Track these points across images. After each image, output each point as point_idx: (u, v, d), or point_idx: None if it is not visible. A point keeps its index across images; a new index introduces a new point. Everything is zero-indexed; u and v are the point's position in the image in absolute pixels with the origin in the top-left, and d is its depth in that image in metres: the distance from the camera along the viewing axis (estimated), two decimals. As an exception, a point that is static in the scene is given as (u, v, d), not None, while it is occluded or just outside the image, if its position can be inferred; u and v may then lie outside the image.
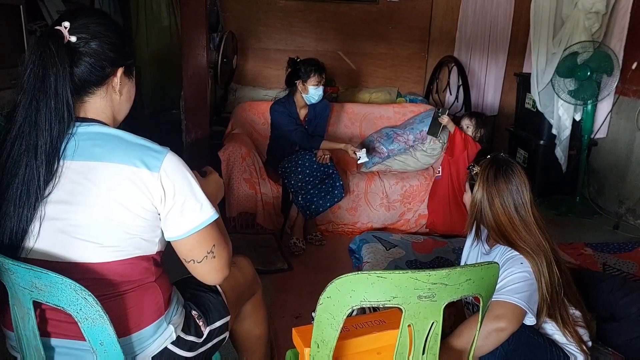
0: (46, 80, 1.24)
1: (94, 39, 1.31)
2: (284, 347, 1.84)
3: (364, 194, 3.94)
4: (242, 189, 3.80)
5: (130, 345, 1.34)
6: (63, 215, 1.27)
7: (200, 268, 1.40)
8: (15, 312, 1.29)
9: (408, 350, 1.30)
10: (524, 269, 1.85)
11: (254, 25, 5.40)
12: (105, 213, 1.27)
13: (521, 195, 1.93)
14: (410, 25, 5.57)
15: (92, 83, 1.34)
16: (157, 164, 1.30)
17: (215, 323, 1.58)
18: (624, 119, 4.36)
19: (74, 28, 1.30)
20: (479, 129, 3.78)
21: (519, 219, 1.93)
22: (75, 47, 1.30)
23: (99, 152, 1.29)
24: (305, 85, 3.65)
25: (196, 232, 1.35)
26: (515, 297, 1.78)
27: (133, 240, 1.32)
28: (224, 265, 1.44)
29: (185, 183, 1.34)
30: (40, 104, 1.25)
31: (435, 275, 1.22)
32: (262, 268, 3.26)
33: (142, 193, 1.28)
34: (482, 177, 1.96)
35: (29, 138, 1.26)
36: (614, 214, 4.41)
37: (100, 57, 1.33)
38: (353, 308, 1.23)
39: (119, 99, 1.42)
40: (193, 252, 1.37)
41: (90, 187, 1.27)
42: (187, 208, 1.33)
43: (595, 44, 4.14)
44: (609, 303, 2.51)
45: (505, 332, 1.75)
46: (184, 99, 3.96)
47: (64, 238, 1.28)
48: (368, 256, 3.28)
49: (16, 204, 1.26)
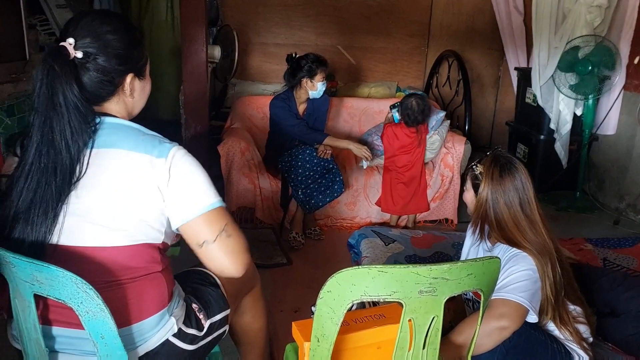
0: (55, 99, 1.27)
1: (100, 53, 1.33)
2: (283, 341, 1.84)
3: (363, 189, 3.94)
4: (241, 183, 3.80)
5: (131, 336, 1.34)
6: (74, 200, 1.30)
7: (215, 251, 1.36)
8: (17, 305, 1.30)
9: (408, 344, 1.30)
10: (528, 267, 1.84)
11: (253, 19, 5.38)
12: (112, 196, 1.30)
13: (526, 192, 1.91)
14: (410, 20, 5.55)
15: (103, 96, 1.39)
16: (166, 151, 1.34)
17: (216, 316, 1.57)
18: (625, 114, 4.36)
19: (80, 43, 1.31)
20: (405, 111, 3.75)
21: (525, 218, 1.91)
22: (82, 63, 1.32)
23: (110, 140, 1.34)
24: (313, 82, 3.64)
25: (205, 213, 1.35)
26: (519, 295, 1.77)
27: (140, 225, 1.33)
28: (241, 248, 1.40)
29: (192, 169, 1.36)
30: (53, 122, 1.28)
31: (436, 269, 1.21)
32: (261, 262, 3.26)
33: (149, 177, 1.31)
34: (487, 176, 1.93)
35: (47, 157, 1.28)
36: (614, 209, 4.41)
37: (108, 71, 1.35)
38: (353, 302, 1.23)
39: (132, 100, 1.46)
40: (204, 231, 1.35)
41: (98, 172, 1.31)
42: (194, 190, 1.35)
43: (597, 38, 4.13)
44: (609, 298, 2.50)
45: (508, 330, 1.75)
46: (184, 94, 3.95)
47: (75, 221, 1.30)
48: (367, 251, 3.28)
49: (34, 221, 1.28)
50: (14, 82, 2.97)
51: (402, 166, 3.82)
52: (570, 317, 1.97)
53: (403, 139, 3.79)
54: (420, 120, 3.74)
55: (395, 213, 3.91)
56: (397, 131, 3.81)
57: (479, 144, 5.65)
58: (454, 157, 3.98)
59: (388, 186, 3.85)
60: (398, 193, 3.83)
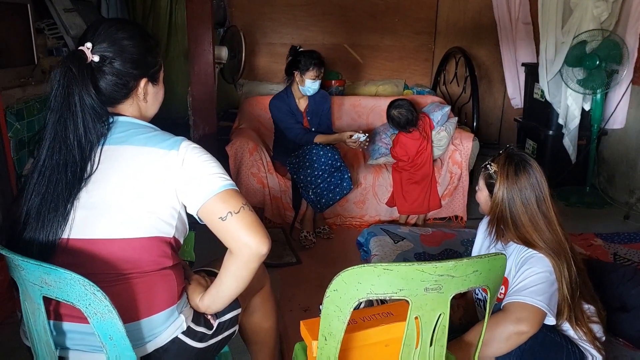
0: (71, 99, 1.32)
1: (116, 57, 1.39)
2: (293, 340, 1.85)
3: (372, 187, 3.94)
4: (250, 183, 3.81)
5: (140, 331, 1.36)
6: (84, 195, 1.34)
7: (240, 220, 1.34)
8: (26, 307, 1.31)
9: (415, 342, 1.30)
10: (545, 269, 1.83)
11: (260, 19, 5.40)
12: (122, 189, 1.34)
13: (542, 189, 1.89)
14: (417, 17, 5.55)
15: (117, 98, 1.44)
16: (177, 144, 1.39)
17: (225, 316, 1.58)
18: (634, 108, 4.33)
19: (97, 47, 1.37)
20: (394, 123, 3.80)
21: (542, 216, 1.89)
22: (98, 67, 1.37)
23: (122, 137, 1.39)
24: (303, 77, 3.65)
25: (221, 192, 1.35)
26: (537, 299, 1.75)
27: (150, 218, 1.35)
28: (263, 227, 1.38)
29: (205, 157, 1.40)
30: (67, 121, 1.33)
31: (441, 267, 1.22)
32: (271, 262, 3.27)
33: (160, 170, 1.35)
34: (502, 175, 1.91)
35: (59, 154, 1.33)
36: (624, 203, 4.37)
37: (122, 75, 1.41)
38: (360, 300, 1.23)
39: (145, 105, 1.51)
40: (224, 207, 1.34)
41: (109, 167, 1.35)
42: (208, 175, 1.37)
43: (604, 32, 4.11)
44: (620, 293, 2.50)
45: (526, 335, 1.74)
46: (191, 95, 3.97)
47: (86, 214, 1.33)
48: (376, 249, 3.28)
49: (46, 217, 1.32)
50: (23, 87, 2.99)
51: (412, 166, 3.82)
52: (585, 317, 1.95)
53: (413, 146, 3.80)
54: (411, 121, 3.76)
55: (412, 213, 3.91)
56: (404, 142, 3.81)
57: (488, 140, 5.65)
58: (462, 154, 3.97)
59: (399, 187, 3.85)
60: (411, 193, 3.83)
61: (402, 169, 3.84)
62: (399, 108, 3.77)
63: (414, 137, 3.79)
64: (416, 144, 3.79)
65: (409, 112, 3.74)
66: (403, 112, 3.74)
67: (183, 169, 1.36)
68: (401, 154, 3.81)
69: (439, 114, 3.98)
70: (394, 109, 3.77)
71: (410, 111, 3.75)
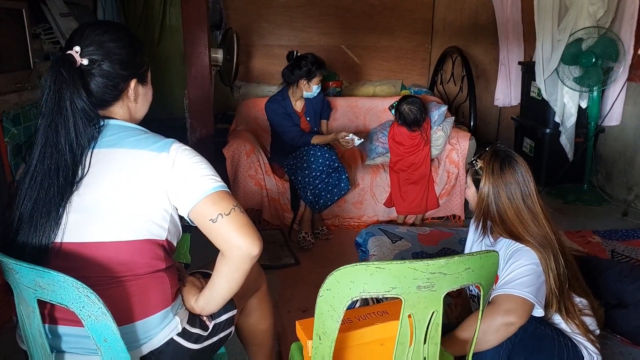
0: (62, 103, 1.33)
1: (105, 60, 1.40)
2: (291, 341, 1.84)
3: (370, 188, 3.95)
4: (248, 185, 3.81)
5: (135, 333, 1.36)
6: (75, 199, 1.34)
7: (231, 222, 1.34)
8: (21, 311, 1.32)
9: (409, 340, 1.31)
10: (532, 261, 1.84)
11: (257, 21, 5.39)
12: (114, 192, 1.34)
13: (527, 184, 1.91)
14: (413, 17, 5.55)
15: (108, 100, 1.45)
16: (167, 146, 1.40)
17: (221, 317, 1.58)
18: (631, 105, 4.33)
19: (85, 51, 1.38)
20: (402, 118, 3.79)
21: (527, 210, 1.91)
22: (87, 70, 1.38)
23: (112, 140, 1.40)
24: (310, 84, 3.68)
25: (211, 194, 1.36)
26: (524, 291, 1.77)
27: (143, 220, 1.36)
28: (254, 228, 1.38)
29: (195, 159, 1.41)
30: (59, 126, 1.33)
31: (433, 264, 1.22)
32: (270, 263, 3.27)
33: (151, 172, 1.36)
34: (488, 171, 1.93)
35: (50, 159, 1.33)
36: (622, 201, 4.38)
37: (112, 77, 1.42)
38: (353, 299, 1.24)
39: (135, 106, 1.52)
40: (214, 209, 1.34)
41: (100, 171, 1.35)
42: (199, 177, 1.38)
43: (600, 29, 4.11)
44: (617, 290, 2.50)
45: (514, 326, 1.74)
46: (188, 97, 3.97)
47: (78, 218, 1.34)
48: (374, 249, 3.29)
49: (38, 222, 1.32)
50: (19, 92, 2.99)
51: (409, 166, 3.82)
52: (576, 309, 1.97)
53: (407, 142, 3.81)
54: (419, 122, 3.76)
55: (410, 213, 3.91)
56: (400, 135, 3.83)
57: (486, 139, 5.64)
58: (459, 153, 3.97)
59: (397, 187, 3.85)
60: (409, 193, 3.83)
61: (399, 170, 3.85)
62: (411, 105, 3.75)
63: (411, 135, 3.79)
64: (410, 143, 3.79)
65: (419, 112, 3.74)
66: (414, 110, 3.73)
67: (174, 171, 1.37)
68: (392, 146, 3.85)
69: (436, 113, 3.99)
70: (406, 104, 3.76)
71: (420, 111, 3.75)
